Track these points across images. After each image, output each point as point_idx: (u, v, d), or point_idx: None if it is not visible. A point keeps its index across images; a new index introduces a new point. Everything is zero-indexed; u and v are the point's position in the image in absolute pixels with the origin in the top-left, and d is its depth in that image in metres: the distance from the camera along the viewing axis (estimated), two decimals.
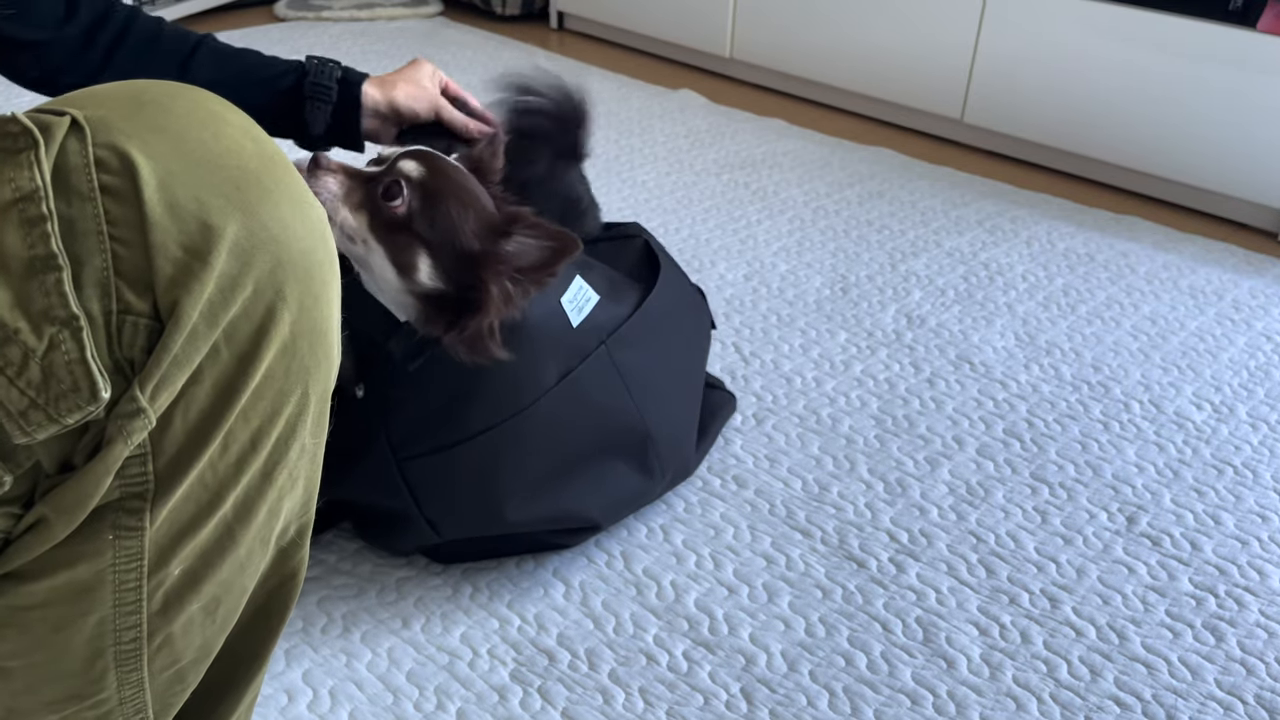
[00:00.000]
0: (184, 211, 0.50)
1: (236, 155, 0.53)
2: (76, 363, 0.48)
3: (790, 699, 0.96)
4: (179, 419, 0.52)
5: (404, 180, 0.91)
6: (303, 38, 2.87)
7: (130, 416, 0.50)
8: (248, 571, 0.62)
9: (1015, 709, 0.96)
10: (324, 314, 0.57)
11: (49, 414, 0.48)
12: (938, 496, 1.22)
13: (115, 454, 0.50)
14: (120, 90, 0.53)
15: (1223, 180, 1.97)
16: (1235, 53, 1.89)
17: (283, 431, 0.57)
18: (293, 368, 0.55)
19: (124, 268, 0.49)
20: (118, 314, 0.49)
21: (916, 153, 2.26)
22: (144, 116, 0.51)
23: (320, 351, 0.57)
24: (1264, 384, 1.47)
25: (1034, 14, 2.11)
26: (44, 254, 0.47)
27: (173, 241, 0.49)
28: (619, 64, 2.78)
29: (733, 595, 1.07)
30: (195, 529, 0.56)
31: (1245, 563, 1.14)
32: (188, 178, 0.50)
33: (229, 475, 0.55)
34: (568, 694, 0.95)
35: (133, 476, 0.52)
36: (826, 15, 2.43)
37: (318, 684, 0.95)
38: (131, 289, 0.49)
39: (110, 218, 0.49)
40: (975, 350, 1.51)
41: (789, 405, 1.37)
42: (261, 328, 0.53)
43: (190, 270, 0.50)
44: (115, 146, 0.49)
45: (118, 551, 0.54)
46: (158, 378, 0.50)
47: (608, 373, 1.03)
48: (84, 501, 0.51)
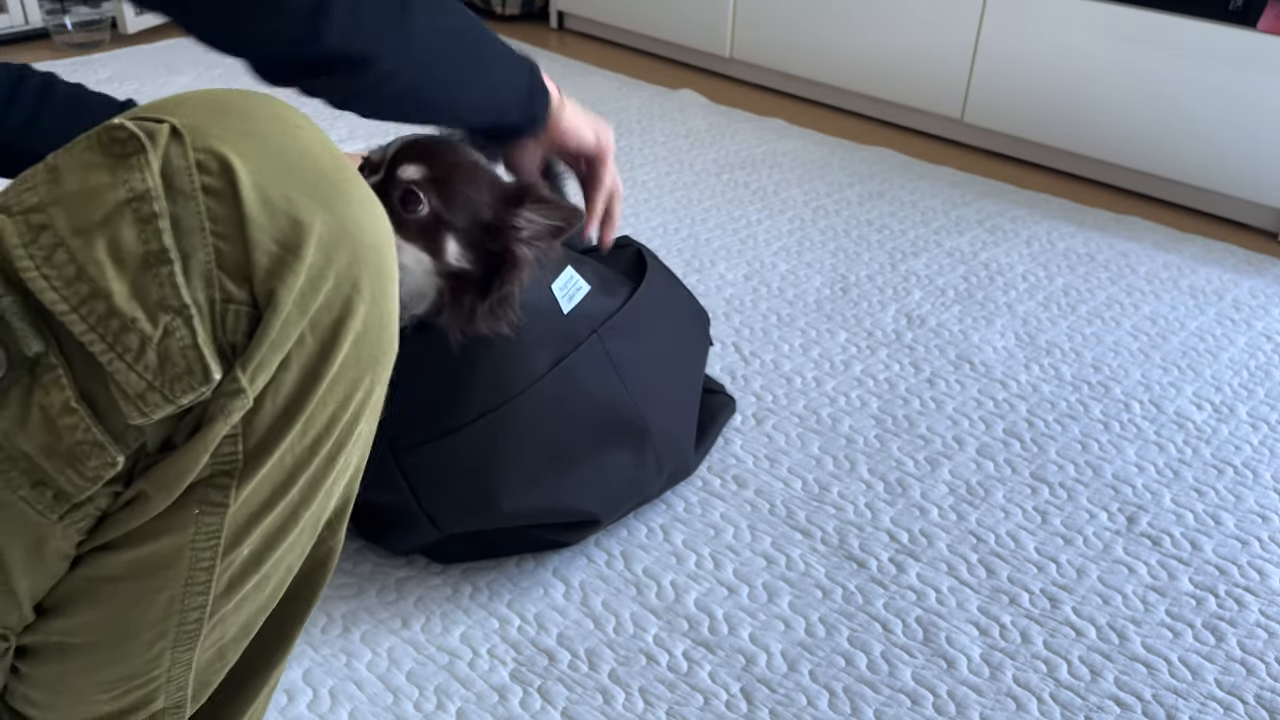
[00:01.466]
0: (276, 209, 0.54)
1: (314, 158, 0.57)
2: (190, 348, 0.52)
3: (790, 699, 0.96)
4: (269, 401, 0.56)
5: (414, 186, 0.91)
6: None
7: (232, 396, 0.54)
8: (296, 550, 0.65)
9: (1015, 709, 0.96)
10: (389, 307, 0.61)
11: (165, 395, 0.52)
12: (938, 496, 1.22)
13: (215, 431, 0.54)
14: (204, 100, 0.57)
15: (1223, 180, 1.97)
16: (1235, 53, 1.89)
17: (350, 417, 0.60)
18: (364, 356, 0.59)
19: (225, 261, 0.53)
20: (221, 303, 0.53)
21: (916, 153, 2.26)
22: (231, 123, 0.55)
23: (386, 341, 0.61)
24: (1264, 384, 1.47)
25: (1034, 14, 2.11)
26: (157, 249, 0.51)
27: (268, 236, 0.53)
28: (619, 64, 2.78)
29: (733, 595, 1.07)
30: (268, 510, 0.59)
31: (1245, 563, 1.14)
32: (277, 177, 0.54)
33: (304, 457, 0.59)
34: (568, 694, 0.95)
35: (225, 455, 0.56)
36: (826, 15, 2.43)
37: (318, 684, 0.95)
38: (232, 280, 0.53)
39: (212, 215, 0.53)
40: (975, 350, 1.51)
41: (789, 405, 1.37)
42: (340, 318, 0.57)
43: (285, 262, 0.54)
44: (213, 150, 0.53)
45: (199, 528, 0.57)
46: (257, 360, 0.54)
47: (600, 362, 1.03)
48: (182, 476, 0.55)
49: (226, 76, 2.52)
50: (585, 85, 2.58)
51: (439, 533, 1.04)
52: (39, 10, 2.77)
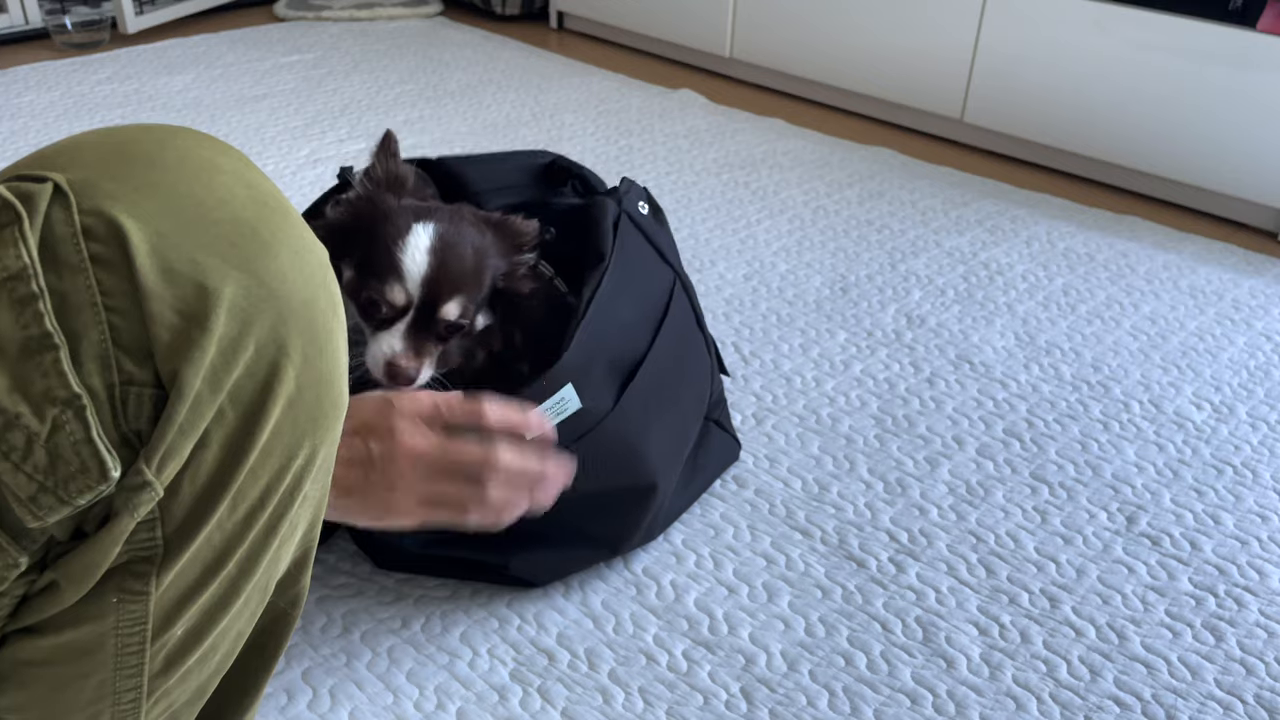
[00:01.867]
0: (179, 276, 0.48)
1: (230, 207, 0.51)
2: (83, 443, 0.47)
3: (790, 698, 0.96)
4: (187, 485, 0.51)
5: (459, 321, 0.94)
6: (303, 37, 2.87)
7: (136, 490, 0.49)
8: (245, 616, 0.61)
9: (1015, 709, 0.96)
10: (329, 363, 0.55)
11: (59, 496, 0.47)
12: (937, 496, 1.22)
13: (122, 526, 0.50)
14: (104, 144, 0.51)
15: (1223, 180, 1.97)
16: (1235, 53, 1.89)
17: (290, 484, 0.56)
18: (300, 420, 0.54)
19: (122, 338, 0.48)
20: (120, 386, 0.48)
21: (916, 153, 2.26)
22: (131, 174, 0.49)
23: (327, 401, 0.56)
24: (1264, 384, 1.47)
25: (1034, 14, 2.11)
26: (39, 334, 0.46)
27: (169, 309, 0.48)
28: (619, 64, 2.78)
29: (732, 595, 1.07)
30: (201, 589, 0.55)
31: (1245, 562, 1.14)
32: (180, 238, 0.49)
33: (236, 533, 0.55)
34: (568, 694, 0.95)
35: (140, 542, 0.51)
36: (826, 15, 2.43)
37: (318, 683, 0.95)
38: (131, 359, 0.48)
39: (104, 288, 0.47)
40: (975, 350, 1.52)
41: (789, 405, 1.37)
42: (266, 385, 0.52)
43: (189, 337, 0.48)
44: (102, 213, 0.47)
45: (121, 615, 0.53)
46: (163, 449, 0.49)
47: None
48: (93, 569, 0.51)
49: (227, 76, 2.53)
50: (585, 85, 2.58)
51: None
52: (39, 10, 2.77)
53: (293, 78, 2.55)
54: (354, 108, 2.36)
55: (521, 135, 2.23)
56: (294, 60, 2.68)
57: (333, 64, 2.67)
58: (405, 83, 2.54)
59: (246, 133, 2.18)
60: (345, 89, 2.48)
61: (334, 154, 2.08)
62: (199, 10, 3.03)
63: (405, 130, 2.23)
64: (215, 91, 2.43)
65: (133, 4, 2.79)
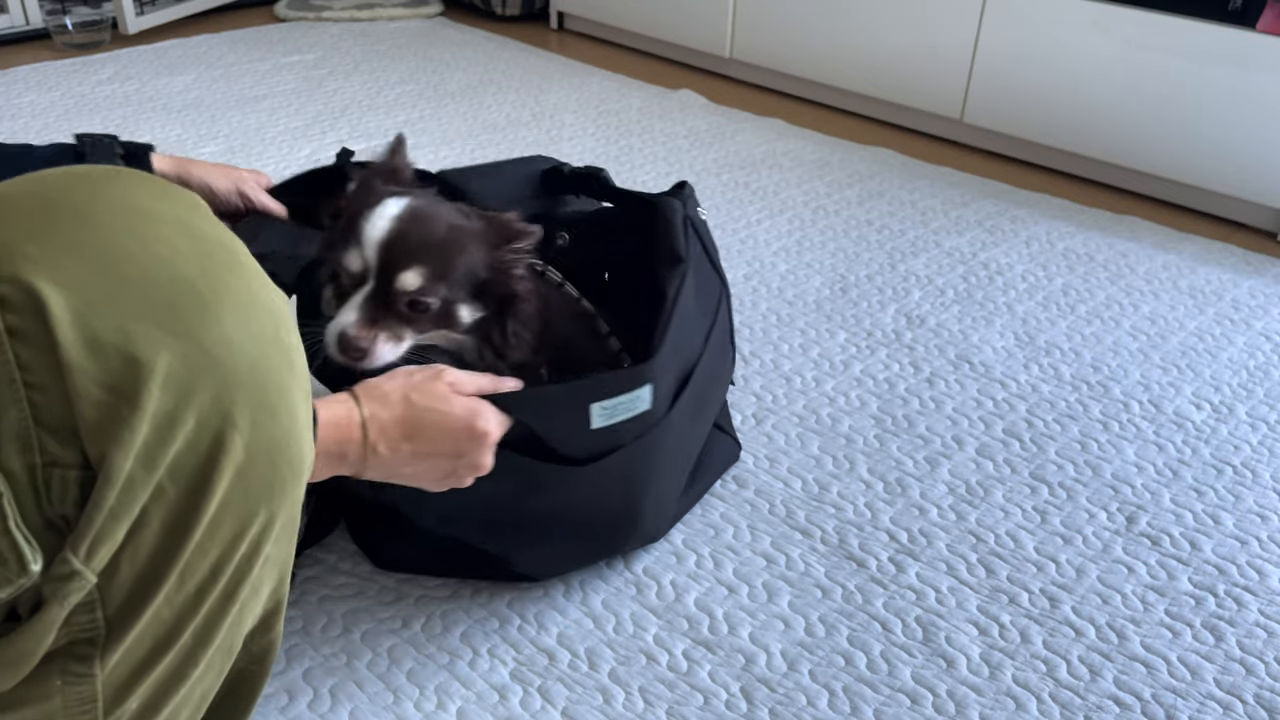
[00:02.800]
0: (106, 347, 0.44)
1: (169, 263, 0.47)
2: (0, 534, 0.44)
3: (790, 698, 0.96)
4: (126, 565, 0.48)
5: (419, 295, 0.89)
6: (303, 37, 2.87)
7: (64, 580, 0.46)
8: (208, 679, 0.58)
9: (1015, 708, 0.96)
10: (284, 424, 0.52)
11: None
12: (937, 496, 1.22)
13: (51, 616, 0.46)
14: (30, 197, 0.47)
15: (1223, 180, 1.97)
16: (1235, 53, 1.89)
17: (245, 552, 0.52)
18: (252, 489, 0.51)
19: (44, 416, 0.44)
20: (43, 467, 0.44)
21: (916, 153, 2.27)
22: (57, 233, 0.45)
23: (283, 463, 0.52)
24: (1263, 384, 1.47)
25: (1034, 14, 2.11)
26: None
27: (95, 384, 0.44)
28: (619, 64, 2.78)
29: (732, 595, 1.07)
30: (153, 664, 0.52)
31: (1244, 562, 1.14)
32: (109, 306, 0.45)
33: (187, 607, 0.51)
34: (568, 693, 0.95)
35: (80, 625, 0.48)
36: (826, 15, 2.43)
37: (318, 683, 0.95)
38: (55, 438, 0.44)
39: (22, 363, 0.43)
40: (975, 350, 1.52)
41: (789, 405, 1.37)
42: (210, 458, 0.48)
43: (118, 415, 0.45)
44: (19, 280, 0.43)
45: (67, 697, 0.50)
46: (92, 535, 0.45)
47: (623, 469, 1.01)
48: (27, 657, 0.48)
49: (227, 76, 2.53)
50: (585, 85, 2.58)
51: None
52: (39, 10, 2.78)
53: (293, 78, 2.55)
54: (354, 108, 2.36)
55: (521, 136, 2.23)
56: (294, 61, 2.68)
57: (333, 64, 2.67)
58: (405, 83, 2.54)
59: (247, 133, 2.18)
60: (346, 89, 2.48)
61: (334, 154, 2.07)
62: (199, 10, 3.03)
63: (405, 131, 2.23)
64: (216, 92, 2.43)
65: (133, 4, 2.79)
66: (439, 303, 0.91)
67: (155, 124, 2.22)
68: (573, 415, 0.91)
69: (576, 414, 0.91)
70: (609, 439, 0.94)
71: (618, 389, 0.92)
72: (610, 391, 0.91)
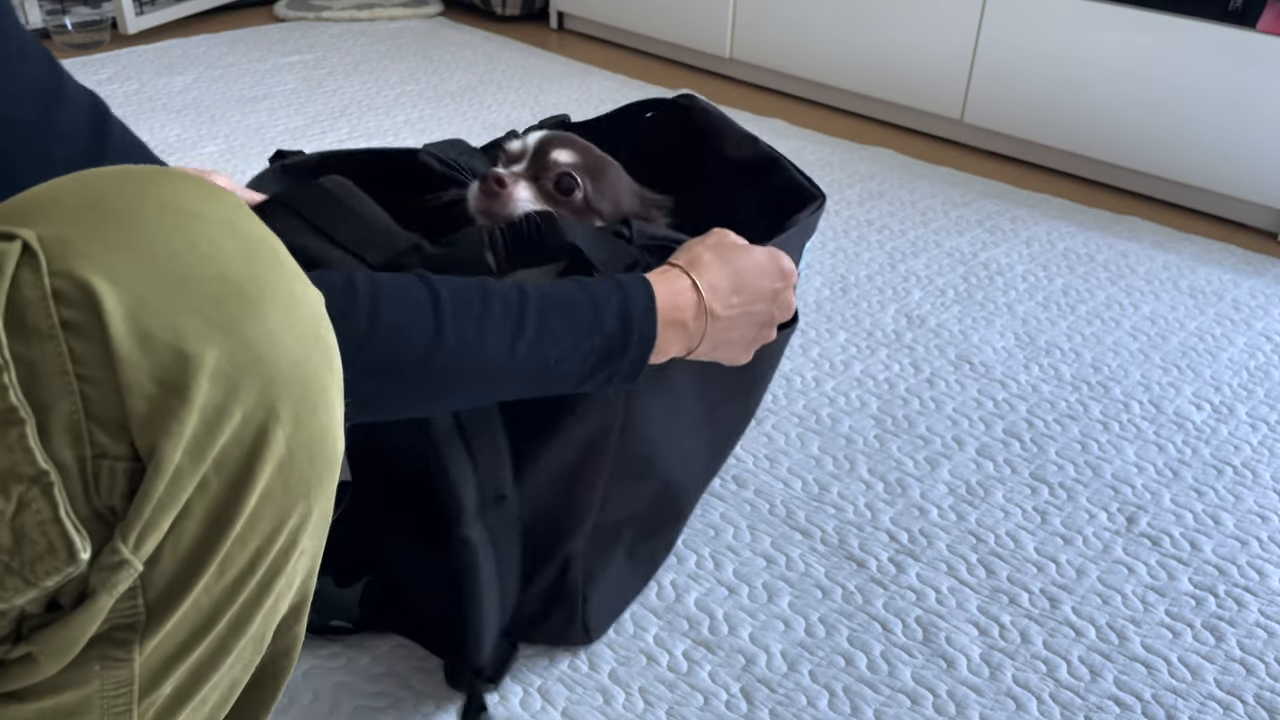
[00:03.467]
0: (157, 342, 0.46)
1: (215, 262, 0.48)
2: (50, 523, 0.45)
3: (790, 699, 0.96)
4: (168, 554, 0.49)
5: (571, 170, 0.93)
6: (303, 38, 2.88)
7: (113, 569, 0.47)
8: (238, 668, 0.59)
9: (1015, 709, 0.96)
10: (323, 421, 0.53)
11: (24, 578, 0.45)
12: (937, 496, 1.22)
13: (100, 604, 0.47)
14: (79, 195, 0.48)
15: (1223, 180, 1.97)
16: (1235, 53, 1.89)
17: (283, 545, 0.54)
18: (292, 483, 0.52)
19: (95, 409, 0.45)
20: (93, 459, 0.46)
21: (916, 153, 2.27)
22: (107, 231, 0.47)
23: (321, 460, 0.54)
24: (1263, 384, 1.47)
25: (1034, 14, 2.11)
26: (3, 408, 0.44)
27: (146, 377, 0.45)
28: (619, 64, 2.78)
29: (733, 595, 1.07)
30: (188, 650, 0.53)
31: (1245, 563, 1.14)
32: (160, 302, 0.46)
33: (225, 597, 0.52)
34: (568, 694, 0.95)
35: (122, 610, 0.49)
36: (826, 15, 2.43)
37: (318, 684, 0.95)
38: (105, 431, 0.45)
39: (75, 356, 0.44)
40: (975, 350, 1.52)
41: (789, 405, 1.37)
42: (254, 451, 0.49)
43: (168, 408, 0.46)
44: (75, 275, 0.45)
45: (105, 680, 0.51)
46: (140, 525, 0.46)
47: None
48: (71, 644, 0.49)
49: (227, 76, 2.53)
50: (585, 85, 2.58)
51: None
52: (39, 10, 2.78)
53: (293, 78, 2.55)
54: (354, 108, 2.36)
55: None
56: (294, 61, 2.68)
57: (333, 64, 2.67)
58: (405, 83, 2.54)
59: (247, 133, 2.18)
60: (345, 89, 2.48)
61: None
62: (199, 11, 3.03)
63: (405, 130, 2.23)
64: (215, 92, 2.43)
65: (133, 4, 2.79)
66: (583, 194, 0.92)
67: (155, 124, 2.22)
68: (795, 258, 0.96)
69: (796, 258, 0.96)
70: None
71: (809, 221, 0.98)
72: (809, 228, 0.98)
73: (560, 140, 0.95)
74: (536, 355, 0.73)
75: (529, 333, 0.72)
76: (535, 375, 0.75)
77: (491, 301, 0.72)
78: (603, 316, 0.76)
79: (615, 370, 0.78)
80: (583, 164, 0.94)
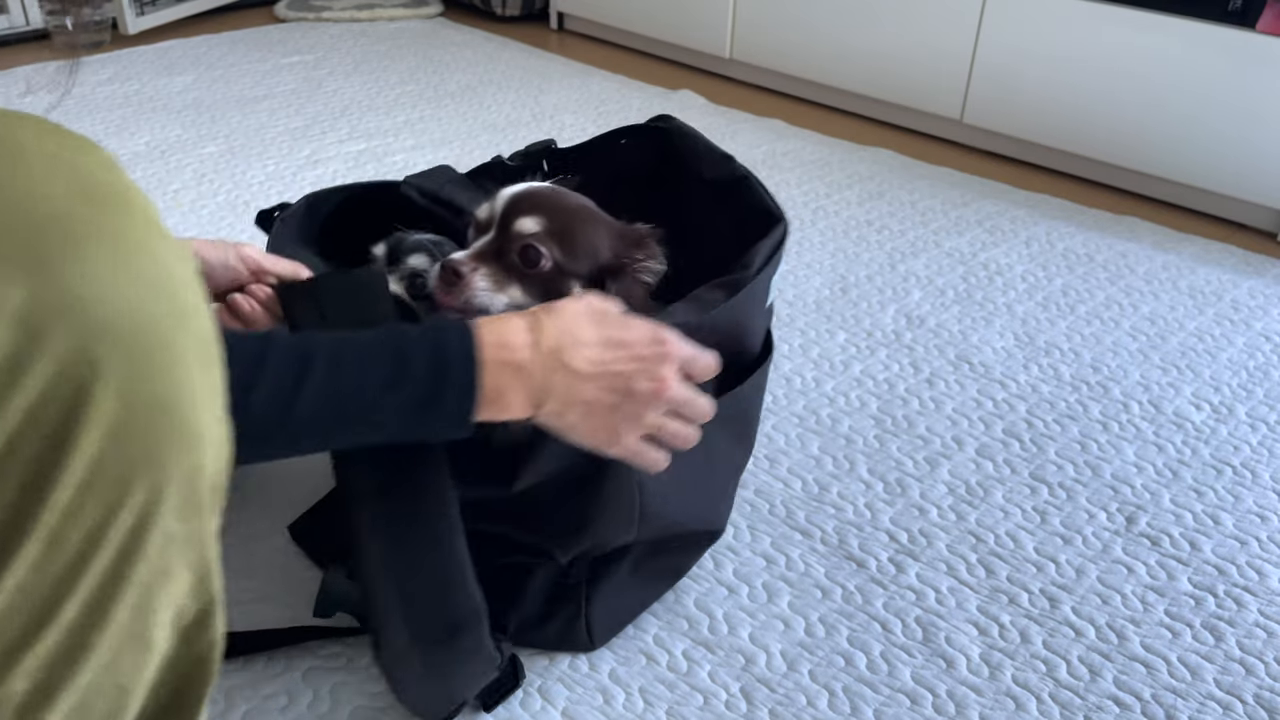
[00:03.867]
0: None
1: (43, 199, 0.44)
2: None
3: (790, 698, 0.96)
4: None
5: (533, 241, 0.88)
6: (303, 38, 2.88)
7: None
8: (122, 670, 0.54)
9: (1014, 708, 0.96)
10: (170, 383, 0.47)
11: None
12: (937, 496, 1.22)
13: None
14: None
15: (1222, 180, 1.97)
16: (1235, 53, 1.89)
17: (132, 525, 0.48)
18: (127, 452, 0.46)
19: None
20: None
21: (916, 153, 2.27)
22: None
23: (171, 427, 0.48)
24: (1263, 384, 1.47)
25: (1034, 14, 2.11)
26: None
27: None
28: (619, 64, 2.78)
29: (732, 595, 1.07)
30: (31, 641, 0.48)
31: (1244, 562, 1.14)
32: None
33: (63, 579, 0.48)
34: (568, 694, 0.95)
35: None
36: (826, 15, 2.43)
37: (318, 684, 0.95)
38: None
39: None
40: (974, 350, 1.52)
41: (789, 405, 1.37)
42: (73, 410, 0.44)
43: None
44: None
45: None
46: None
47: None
48: None
49: (227, 77, 2.53)
50: (585, 85, 2.58)
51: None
52: (39, 11, 2.78)
53: (293, 78, 2.55)
54: (354, 109, 2.36)
55: (521, 135, 2.23)
56: (294, 61, 2.68)
57: (333, 65, 2.67)
58: (405, 84, 2.54)
59: (247, 133, 2.18)
60: (345, 90, 2.48)
61: (334, 154, 2.08)
62: (200, 11, 3.04)
63: (405, 130, 2.24)
64: (216, 92, 2.43)
65: (133, 5, 2.79)
66: (551, 262, 0.88)
67: (155, 124, 2.23)
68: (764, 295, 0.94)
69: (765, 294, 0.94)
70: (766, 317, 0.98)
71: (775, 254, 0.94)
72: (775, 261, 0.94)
73: (527, 203, 0.90)
74: (325, 414, 0.68)
75: (307, 390, 0.67)
76: (327, 434, 0.70)
77: (268, 357, 0.66)
78: (409, 364, 0.70)
79: (437, 421, 0.72)
80: (549, 229, 0.89)
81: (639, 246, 0.93)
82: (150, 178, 1.97)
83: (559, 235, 0.89)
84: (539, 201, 0.91)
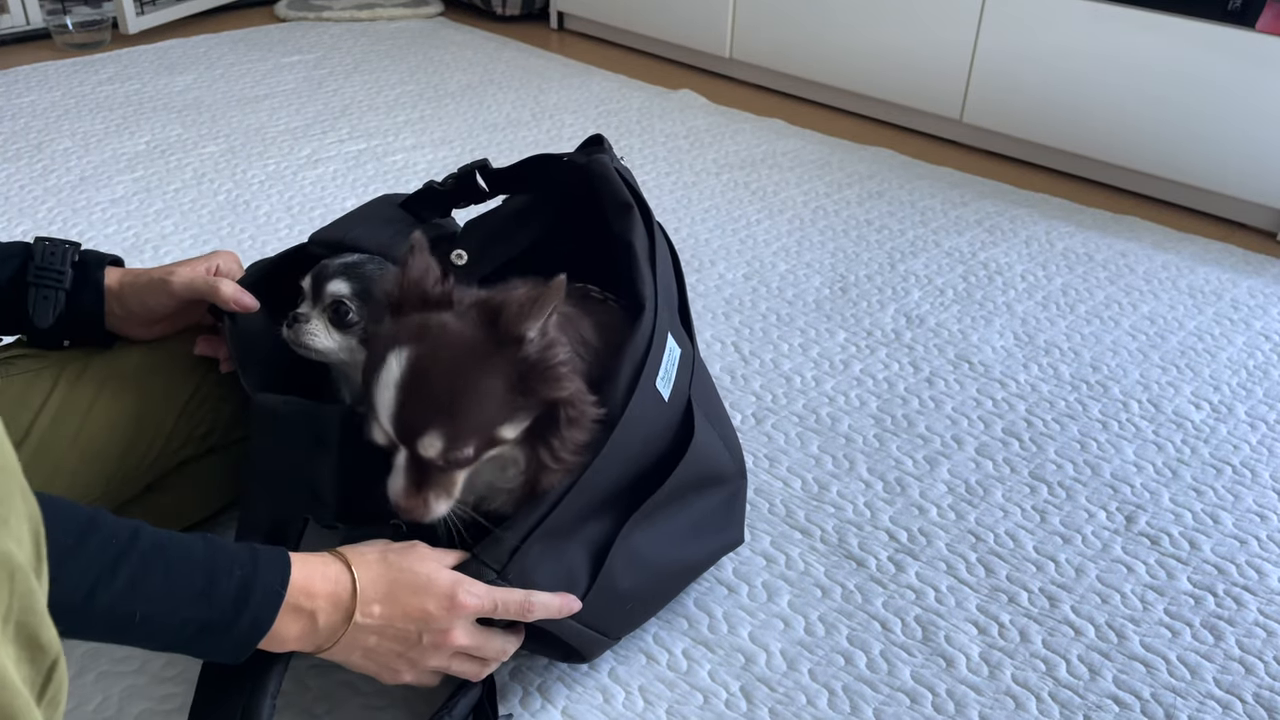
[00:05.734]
0: None
1: None
2: None
3: (790, 698, 0.96)
4: None
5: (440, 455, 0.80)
6: (303, 38, 2.88)
7: None
8: None
9: (1014, 708, 0.96)
10: None
11: None
12: (937, 495, 1.22)
13: None
14: None
15: (1222, 180, 1.97)
16: (1235, 53, 1.89)
17: None
18: None
19: None
20: None
21: (916, 153, 2.27)
22: None
23: None
24: (1262, 383, 1.47)
25: (1034, 14, 2.11)
26: None
27: None
28: (619, 64, 2.78)
29: (732, 594, 1.07)
30: None
31: (1244, 562, 1.14)
32: None
33: None
34: (568, 693, 0.95)
35: None
36: (826, 15, 2.43)
37: (318, 683, 0.95)
38: None
39: None
40: (974, 350, 1.52)
41: (788, 405, 1.37)
42: None
43: None
44: None
45: None
46: None
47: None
48: None
49: (227, 76, 2.53)
50: (585, 85, 2.58)
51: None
52: (40, 10, 2.78)
53: (293, 78, 2.55)
54: (354, 108, 2.36)
55: (521, 135, 2.24)
56: (295, 61, 2.68)
57: (333, 64, 2.67)
58: (406, 83, 2.54)
59: (247, 133, 2.18)
60: (346, 89, 2.49)
61: (334, 154, 2.08)
62: (200, 10, 3.04)
63: (405, 130, 2.24)
64: (216, 92, 2.43)
65: (134, 4, 2.79)
66: (471, 450, 0.80)
67: (155, 124, 2.23)
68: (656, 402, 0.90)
69: (656, 400, 0.90)
70: (680, 395, 0.93)
71: (658, 355, 0.90)
72: (657, 362, 0.89)
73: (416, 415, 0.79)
74: (122, 607, 0.66)
75: (118, 583, 0.66)
76: (113, 628, 0.68)
77: (89, 538, 0.65)
78: (216, 587, 0.70)
79: (216, 646, 0.72)
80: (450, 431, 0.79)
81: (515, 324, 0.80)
82: (150, 178, 1.97)
83: (460, 428, 0.80)
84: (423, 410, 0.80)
